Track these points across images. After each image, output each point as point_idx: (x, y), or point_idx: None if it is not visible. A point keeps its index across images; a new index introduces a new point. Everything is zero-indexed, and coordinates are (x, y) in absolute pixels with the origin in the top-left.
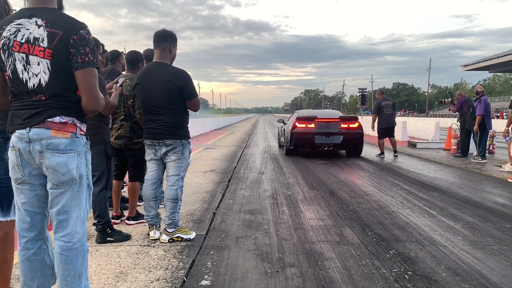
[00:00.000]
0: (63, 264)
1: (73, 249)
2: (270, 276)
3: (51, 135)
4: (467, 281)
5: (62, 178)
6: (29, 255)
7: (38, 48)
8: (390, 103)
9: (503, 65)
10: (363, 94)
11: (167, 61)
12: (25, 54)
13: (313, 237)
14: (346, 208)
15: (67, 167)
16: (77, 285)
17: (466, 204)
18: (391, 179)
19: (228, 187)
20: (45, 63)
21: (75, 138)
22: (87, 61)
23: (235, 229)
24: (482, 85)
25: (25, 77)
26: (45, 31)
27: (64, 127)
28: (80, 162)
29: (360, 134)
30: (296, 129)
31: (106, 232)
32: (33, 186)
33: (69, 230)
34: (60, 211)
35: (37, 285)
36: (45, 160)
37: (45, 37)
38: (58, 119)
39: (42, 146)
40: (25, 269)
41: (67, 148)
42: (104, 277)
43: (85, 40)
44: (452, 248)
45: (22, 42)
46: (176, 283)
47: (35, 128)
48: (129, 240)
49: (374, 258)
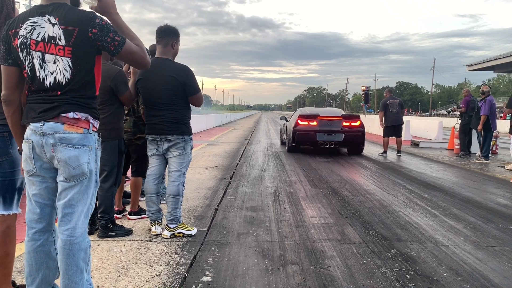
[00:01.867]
0: (66, 258)
1: (75, 243)
2: (271, 273)
3: (64, 130)
4: (468, 282)
5: (73, 172)
6: (36, 246)
7: (56, 47)
8: (397, 102)
9: (508, 65)
10: (367, 93)
11: (169, 56)
12: (41, 53)
13: (314, 235)
14: (348, 206)
15: (78, 161)
16: (79, 279)
17: (469, 205)
18: (393, 178)
19: (230, 183)
20: (65, 61)
21: (87, 133)
22: (118, 44)
23: (236, 226)
24: (488, 85)
25: (41, 75)
26: (60, 29)
27: (77, 123)
28: (91, 158)
29: (361, 133)
30: (299, 126)
31: (108, 227)
32: (44, 178)
33: (73, 224)
34: (67, 204)
35: (41, 277)
36: (57, 153)
37: (62, 35)
38: (72, 114)
39: (55, 139)
40: (31, 260)
41: (80, 143)
42: (105, 272)
43: (105, 28)
44: (454, 248)
45: (38, 41)
46: (177, 279)
47: (49, 122)
48: (131, 235)
49: (376, 257)
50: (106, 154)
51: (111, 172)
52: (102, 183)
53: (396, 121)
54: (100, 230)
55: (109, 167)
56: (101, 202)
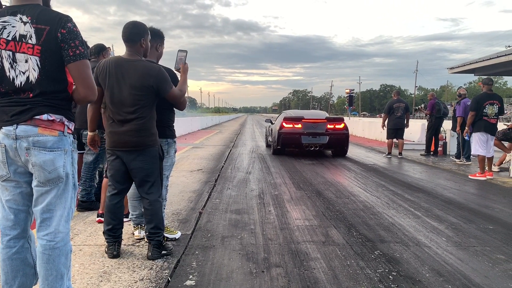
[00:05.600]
0: (45, 263)
1: (56, 248)
2: (255, 276)
3: (39, 133)
4: (450, 282)
5: (49, 176)
6: (11, 254)
7: (26, 45)
8: (403, 106)
9: (488, 68)
10: (351, 96)
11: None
12: (12, 52)
13: (299, 237)
14: (332, 208)
15: (53, 165)
16: (59, 285)
17: (451, 206)
18: (377, 180)
19: (215, 186)
20: (34, 60)
21: (62, 136)
22: (79, 53)
23: (221, 229)
24: (469, 88)
25: (12, 75)
26: (31, 27)
27: (51, 125)
28: (66, 161)
29: (345, 135)
30: (284, 129)
31: (162, 245)
32: (18, 183)
33: (52, 229)
34: (45, 209)
35: (18, 284)
36: (32, 157)
37: (33, 34)
38: (46, 116)
39: (29, 143)
40: (6, 268)
41: (54, 146)
42: (87, 277)
43: (74, 33)
44: (436, 249)
45: (8, 40)
46: (161, 283)
47: (22, 125)
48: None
49: (359, 258)
50: (148, 164)
51: (155, 182)
52: (148, 195)
53: (397, 124)
54: (153, 250)
55: (154, 178)
56: (151, 218)
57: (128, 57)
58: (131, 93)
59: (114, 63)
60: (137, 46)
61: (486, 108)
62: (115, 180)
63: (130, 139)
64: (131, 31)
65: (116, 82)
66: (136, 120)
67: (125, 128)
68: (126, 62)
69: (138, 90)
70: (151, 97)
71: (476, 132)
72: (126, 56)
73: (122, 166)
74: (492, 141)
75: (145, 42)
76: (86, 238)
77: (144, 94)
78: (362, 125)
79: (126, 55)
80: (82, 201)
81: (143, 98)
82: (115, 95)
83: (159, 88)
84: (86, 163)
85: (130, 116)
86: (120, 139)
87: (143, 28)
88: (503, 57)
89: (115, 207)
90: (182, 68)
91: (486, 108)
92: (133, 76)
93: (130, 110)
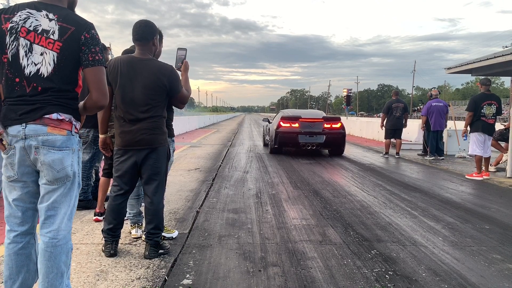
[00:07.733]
0: (47, 260)
1: (58, 246)
2: (252, 275)
3: (48, 132)
4: (446, 281)
5: (57, 174)
6: (17, 249)
7: (47, 40)
8: (401, 106)
9: (485, 68)
10: (349, 95)
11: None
12: (30, 42)
13: (296, 236)
14: (329, 207)
15: (62, 164)
16: (59, 283)
17: (447, 205)
18: (374, 180)
19: (212, 185)
20: (51, 55)
21: (70, 135)
22: (98, 59)
23: (218, 228)
24: (437, 89)
25: (23, 63)
26: (56, 24)
27: (60, 124)
28: (74, 160)
29: (342, 134)
30: (281, 128)
31: (159, 244)
32: (25, 183)
33: (56, 227)
34: (50, 206)
35: (21, 280)
36: (41, 156)
37: (56, 30)
38: (56, 115)
39: (38, 142)
40: (11, 263)
41: (63, 145)
42: (84, 276)
43: (96, 40)
44: (433, 248)
45: (29, 29)
46: (157, 282)
47: (31, 124)
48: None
49: (356, 258)
50: (157, 162)
51: (161, 182)
52: (153, 195)
53: (395, 125)
54: (151, 249)
55: (160, 177)
56: (152, 218)
57: (141, 56)
58: (143, 92)
59: (127, 62)
60: (149, 45)
61: (484, 109)
62: (122, 181)
63: (143, 137)
64: (144, 30)
65: (128, 82)
66: (148, 119)
67: (138, 127)
68: (140, 62)
69: (151, 90)
70: (163, 96)
71: (474, 132)
72: (138, 55)
73: (132, 167)
74: (490, 141)
75: (156, 41)
76: (83, 237)
77: (157, 94)
78: (359, 124)
79: (138, 54)
80: (79, 199)
81: (155, 98)
82: (127, 95)
83: (172, 87)
84: (82, 162)
85: (143, 115)
86: (133, 138)
87: (154, 27)
88: (500, 57)
89: (119, 207)
90: (183, 66)
91: (484, 108)
92: (147, 75)
93: (143, 109)
